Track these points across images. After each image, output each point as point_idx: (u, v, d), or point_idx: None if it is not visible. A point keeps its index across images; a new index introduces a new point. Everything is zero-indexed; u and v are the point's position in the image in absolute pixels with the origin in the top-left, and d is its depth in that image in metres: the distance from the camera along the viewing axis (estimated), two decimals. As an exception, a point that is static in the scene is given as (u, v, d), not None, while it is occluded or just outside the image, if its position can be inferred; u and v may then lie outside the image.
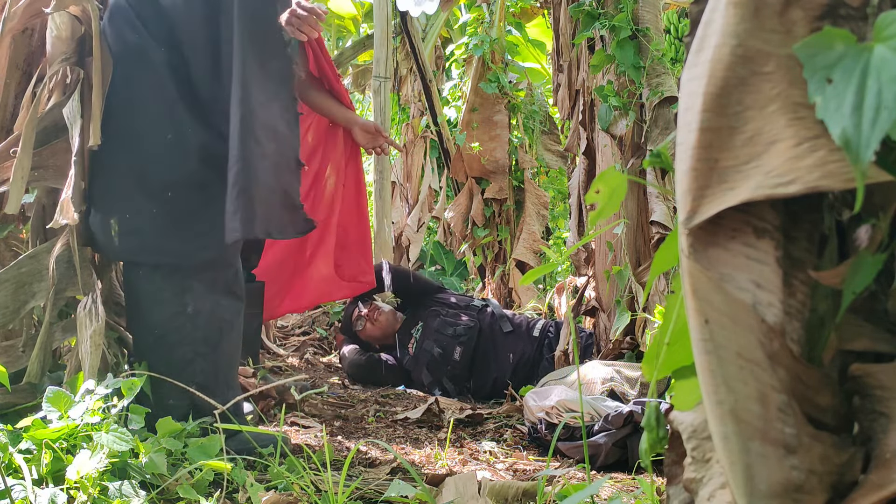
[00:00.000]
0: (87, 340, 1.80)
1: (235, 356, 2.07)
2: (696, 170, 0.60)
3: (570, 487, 1.47)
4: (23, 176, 1.86)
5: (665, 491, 0.72)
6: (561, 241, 5.88)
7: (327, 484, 1.55)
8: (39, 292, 1.91)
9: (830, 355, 0.61)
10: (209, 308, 1.94)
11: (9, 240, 2.16)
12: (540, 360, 3.23)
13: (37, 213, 2.08)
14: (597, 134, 2.95)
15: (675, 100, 2.62)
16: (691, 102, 0.62)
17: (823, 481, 0.56)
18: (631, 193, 2.72)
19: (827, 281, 0.60)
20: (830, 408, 0.59)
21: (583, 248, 3.10)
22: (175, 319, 1.91)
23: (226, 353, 1.99)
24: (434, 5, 2.77)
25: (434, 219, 6.40)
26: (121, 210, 1.91)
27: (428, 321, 3.39)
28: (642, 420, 0.75)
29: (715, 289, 0.58)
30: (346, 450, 2.18)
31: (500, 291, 5.04)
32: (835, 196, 0.63)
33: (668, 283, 2.58)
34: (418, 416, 2.63)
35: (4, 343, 1.99)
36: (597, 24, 2.79)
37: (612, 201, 0.78)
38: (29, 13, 2.01)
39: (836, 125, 0.54)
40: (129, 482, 1.45)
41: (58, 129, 1.95)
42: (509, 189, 5.06)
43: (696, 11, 0.67)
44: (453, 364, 3.26)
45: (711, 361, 0.57)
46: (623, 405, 2.20)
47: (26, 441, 1.48)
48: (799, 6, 0.60)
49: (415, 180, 6.41)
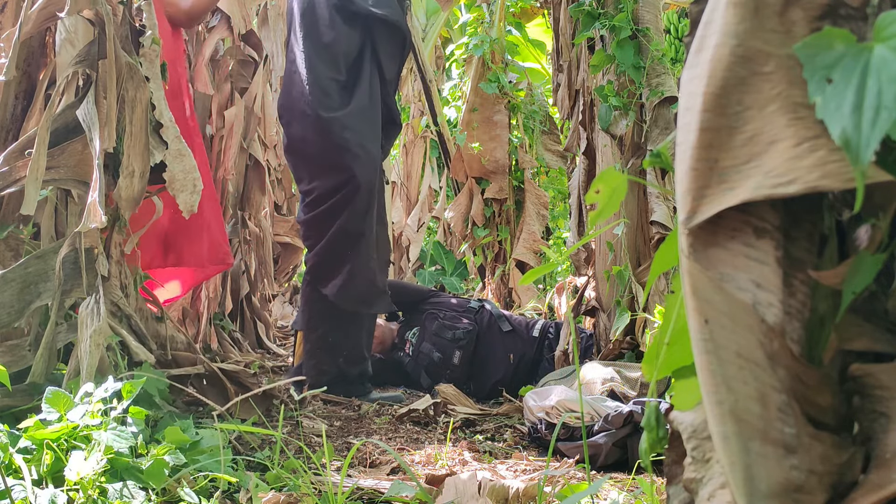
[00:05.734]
0: (87, 340, 1.80)
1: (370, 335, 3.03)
2: (696, 170, 0.60)
3: (570, 487, 1.47)
4: (38, 176, 1.87)
5: (665, 491, 0.72)
6: (561, 241, 5.88)
7: (327, 484, 1.55)
8: (45, 292, 1.91)
9: (830, 355, 0.61)
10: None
11: (9, 240, 2.16)
12: (540, 361, 3.23)
13: (48, 213, 2.09)
14: (597, 134, 2.95)
15: (675, 100, 2.62)
16: (691, 102, 0.62)
17: (823, 481, 0.56)
18: (631, 193, 2.72)
19: (827, 281, 0.60)
20: (830, 408, 0.59)
21: (583, 248, 3.10)
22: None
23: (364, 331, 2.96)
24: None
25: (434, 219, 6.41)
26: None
27: (426, 324, 3.38)
28: (642, 420, 0.75)
29: (715, 289, 0.58)
30: (346, 450, 2.18)
31: (500, 291, 5.04)
32: (835, 196, 0.63)
33: (668, 283, 2.58)
34: (422, 407, 2.63)
35: (10, 342, 1.99)
36: (597, 24, 2.79)
37: (612, 201, 0.78)
38: (43, 17, 2.02)
39: (836, 125, 0.54)
40: (129, 483, 1.45)
41: (69, 129, 1.97)
42: (509, 189, 5.06)
43: (696, 11, 0.67)
44: (452, 368, 3.26)
45: (711, 361, 0.57)
46: (623, 405, 2.20)
47: (26, 441, 1.48)
48: (799, 6, 0.60)
49: (415, 180, 6.42)
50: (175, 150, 2.11)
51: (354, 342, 2.95)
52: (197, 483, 1.55)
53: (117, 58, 1.95)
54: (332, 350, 2.91)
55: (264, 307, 4.57)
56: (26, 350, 1.94)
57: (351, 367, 2.94)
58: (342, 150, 2.81)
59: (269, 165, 4.49)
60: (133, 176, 2.04)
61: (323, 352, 2.91)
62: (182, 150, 2.12)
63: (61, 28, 1.99)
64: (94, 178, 1.89)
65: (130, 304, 2.07)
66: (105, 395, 1.58)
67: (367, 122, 2.89)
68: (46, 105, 1.97)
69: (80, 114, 1.93)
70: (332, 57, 2.87)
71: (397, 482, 1.62)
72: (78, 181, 2.02)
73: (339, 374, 2.90)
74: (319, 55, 2.86)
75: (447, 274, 6.16)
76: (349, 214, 2.84)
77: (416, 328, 3.41)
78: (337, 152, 2.82)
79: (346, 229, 2.85)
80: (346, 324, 2.93)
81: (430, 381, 3.29)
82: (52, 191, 2.08)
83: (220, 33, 3.63)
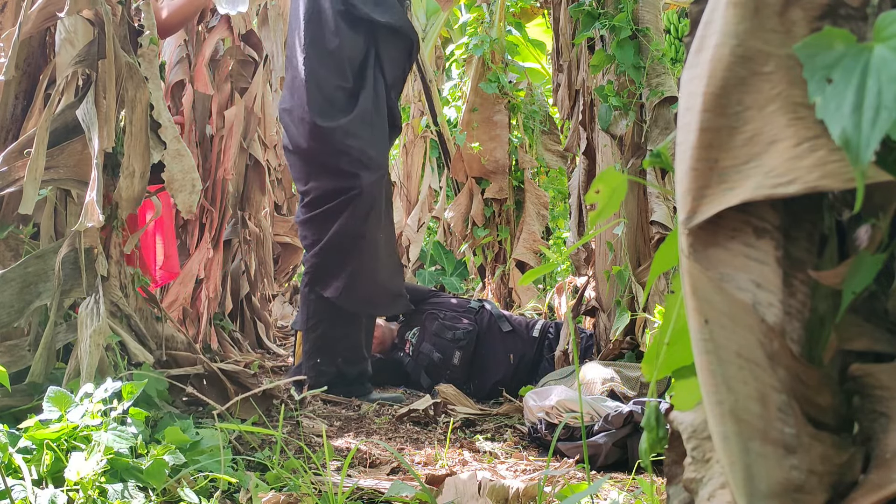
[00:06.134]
0: (87, 340, 1.80)
1: (369, 335, 3.06)
2: (696, 170, 0.60)
3: (570, 487, 1.47)
4: (36, 176, 1.87)
5: (665, 491, 0.72)
6: (561, 241, 5.88)
7: (327, 484, 1.55)
8: (45, 292, 1.91)
9: (830, 355, 0.60)
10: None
11: (8, 240, 2.16)
12: (540, 361, 3.23)
13: (48, 213, 2.09)
14: (597, 134, 2.95)
15: (675, 100, 2.62)
16: (691, 102, 0.62)
17: (823, 481, 0.56)
18: (631, 193, 2.72)
19: (827, 281, 0.60)
20: (830, 408, 0.59)
21: (583, 248, 3.10)
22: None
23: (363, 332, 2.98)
24: (246, 5, 2.84)
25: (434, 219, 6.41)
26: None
27: (426, 324, 3.38)
28: (642, 420, 0.75)
29: (715, 289, 0.58)
30: (346, 450, 2.18)
31: (500, 291, 5.04)
32: (835, 196, 0.63)
33: (668, 283, 2.58)
34: (422, 407, 2.63)
35: (9, 342, 1.99)
36: (597, 24, 2.79)
37: (612, 201, 0.77)
38: (42, 17, 2.02)
39: (836, 125, 0.54)
40: (129, 483, 1.44)
41: (68, 129, 1.97)
42: (509, 189, 5.05)
43: (696, 11, 0.66)
44: (452, 368, 3.26)
45: (711, 361, 0.57)
46: (623, 405, 2.20)
47: (26, 441, 1.48)
48: (799, 6, 0.60)
49: (415, 180, 6.42)
50: (174, 150, 2.11)
51: (353, 342, 2.96)
52: (197, 483, 1.55)
53: (117, 58, 1.95)
54: (331, 350, 2.92)
55: (264, 307, 4.57)
56: (26, 350, 1.94)
57: (350, 367, 2.94)
58: (343, 155, 2.82)
59: (269, 165, 4.49)
60: (133, 176, 2.04)
61: (322, 352, 2.91)
62: (181, 150, 2.12)
63: (61, 28, 1.99)
64: (92, 177, 1.89)
65: (130, 304, 2.07)
66: (105, 395, 1.58)
67: (371, 127, 2.89)
68: (46, 105, 1.97)
69: (80, 114, 1.93)
70: (338, 63, 2.87)
71: (397, 482, 1.62)
72: (77, 181, 2.02)
73: (339, 375, 2.91)
74: (324, 62, 2.86)
75: (447, 274, 6.15)
76: (349, 217, 2.84)
77: (416, 328, 3.41)
78: (338, 158, 2.82)
79: (345, 232, 2.86)
80: (346, 324, 2.93)
81: (430, 381, 3.28)
82: (51, 191, 2.08)
83: (220, 33, 3.63)
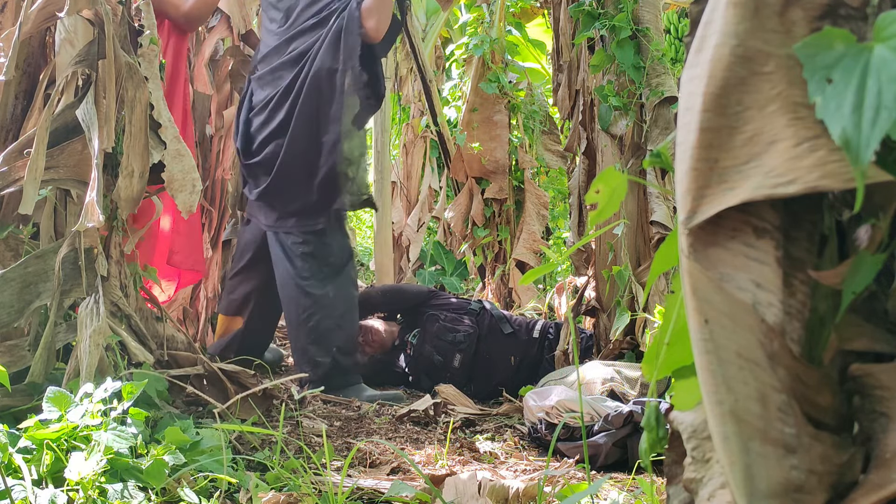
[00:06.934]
0: (87, 340, 1.80)
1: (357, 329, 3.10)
2: (696, 170, 0.60)
3: (570, 487, 1.48)
4: (36, 176, 1.87)
5: (665, 491, 0.72)
6: (561, 241, 5.88)
7: (327, 484, 1.55)
8: (45, 292, 1.91)
9: (830, 355, 0.60)
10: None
11: (8, 240, 2.16)
12: (541, 361, 3.23)
13: (48, 213, 2.09)
14: (597, 134, 2.95)
15: (675, 100, 2.62)
16: (691, 102, 0.62)
17: (823, 481, 0.56)
18: (631, 193, 2.72)
19: (827, 281, 0.60)
20: (830, 408, 0.59)
21: (583, 248, 3.10)
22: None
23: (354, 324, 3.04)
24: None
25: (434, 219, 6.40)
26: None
27: (426, 325, 3.37)
28: (642, 420, 0.75)
29: (715, 289, 0.58)
30: (346, 450, 2.18)
31: (500, 291, 5.03)
32: (835, 196, 0.63)
33: (668, 283, 2.58)
34: (422, 407, 2.63)
35: (9, 342, 1.99)
36: (597, 24, 2.79)
37: (612, 201, 0.77)
38: (42, 17, 2.03)
39: (836, 125, 0.54)
40: (129, 483, 1.44)
41: (68, 129, 1.97)
42: (509, 189, 5.05)
43: (696, 11, 0.67)
44: (452, 371, 3.25)
45: (711, 361, 0.57)
46: (623, 405, 2.20)
47: (26, 441, 1.48)
48: (799, 6, 0.60)
49: (415, 180, 6.41)
50: (174, 150, 2.11)
51: (348, 333, 2.99)
52: (197, 483, 1.55)
53: (117, 57, 1.95)
54: (325, 341, 2.94)
55: (264, 307, 4.55)
56: (26, 350, 1.94)
57: (345, 357, 2.97)
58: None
59: (269, 165, 4.48)
60: (132, 176, 2.04)
61: (317, 343, 2.93)
62: (181, 150, 2.12)
63: (61, 28, 1.99)
64: (92, 177, 1.89)
65: (130, 304, 2.07)
66: (105, 395, 1.58)
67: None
68: (46, 105, 1.97)
69: (80, 114, 1.93)
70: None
71: (397, 482, 1.62)
72: (77, 181, 2.02)
73: (334, 365, 2.92)
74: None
75: (447, 274, 6.15)
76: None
77: (416, 330, 3.40)
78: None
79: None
80: (340, 315, 2.96)
81: (430, 382, 3.28)
82: (51, 191, 2.08)
83: (220, 33, 3.63)
